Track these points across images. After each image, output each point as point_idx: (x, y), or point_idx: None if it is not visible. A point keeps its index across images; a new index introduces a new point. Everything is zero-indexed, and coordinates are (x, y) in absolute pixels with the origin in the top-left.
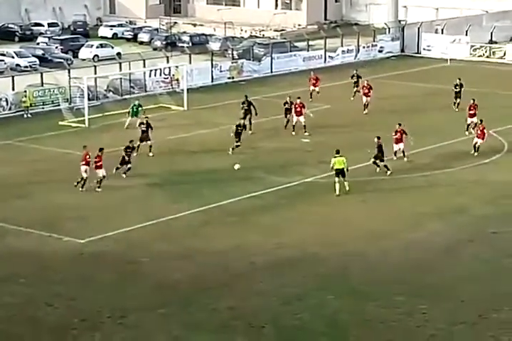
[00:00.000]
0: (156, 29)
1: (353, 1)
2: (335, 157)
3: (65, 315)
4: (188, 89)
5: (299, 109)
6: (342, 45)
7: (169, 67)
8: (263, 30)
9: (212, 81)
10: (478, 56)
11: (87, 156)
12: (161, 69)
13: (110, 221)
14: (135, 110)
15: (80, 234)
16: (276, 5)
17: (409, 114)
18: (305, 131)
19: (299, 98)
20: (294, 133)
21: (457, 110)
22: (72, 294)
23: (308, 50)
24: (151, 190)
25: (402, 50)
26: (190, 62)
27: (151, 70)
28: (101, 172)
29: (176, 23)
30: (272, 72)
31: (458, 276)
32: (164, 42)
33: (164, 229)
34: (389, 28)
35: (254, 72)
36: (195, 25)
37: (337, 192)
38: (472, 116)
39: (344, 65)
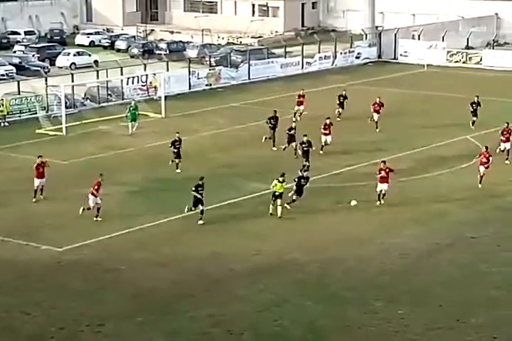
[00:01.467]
0: (133, 36)
1: (330, 7)
2: (278, 181)
3: (43, 323)
4: (165, 97)
5: (329, 129)
6: (319, 52)
7: (146, 75)
8: (240, 37)
9: (189, 88)
10: (455, 62)
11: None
12: (138, 77)
13: (88, 229)
14: (133, 112)
15: (57, 242)
16: (254, 12)
17: (388, 120)
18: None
19: (328, 118)
20: (321, 152)
21: (473, 128)
22: (49, 302)
23: (285, 57)
24: (129, 198)
25: (379, 56)
26: (167, 70)
27: (128, 78)
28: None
29: (153, 30)
30: (249, 78)
31: (436, 281)
32: (141, 50)
33: (143, 237)
34: (366, 34)
35: (232, 79)
36: (172, 32)
37: (270, 211)
38: (506, 141)
39: (322, 71)
